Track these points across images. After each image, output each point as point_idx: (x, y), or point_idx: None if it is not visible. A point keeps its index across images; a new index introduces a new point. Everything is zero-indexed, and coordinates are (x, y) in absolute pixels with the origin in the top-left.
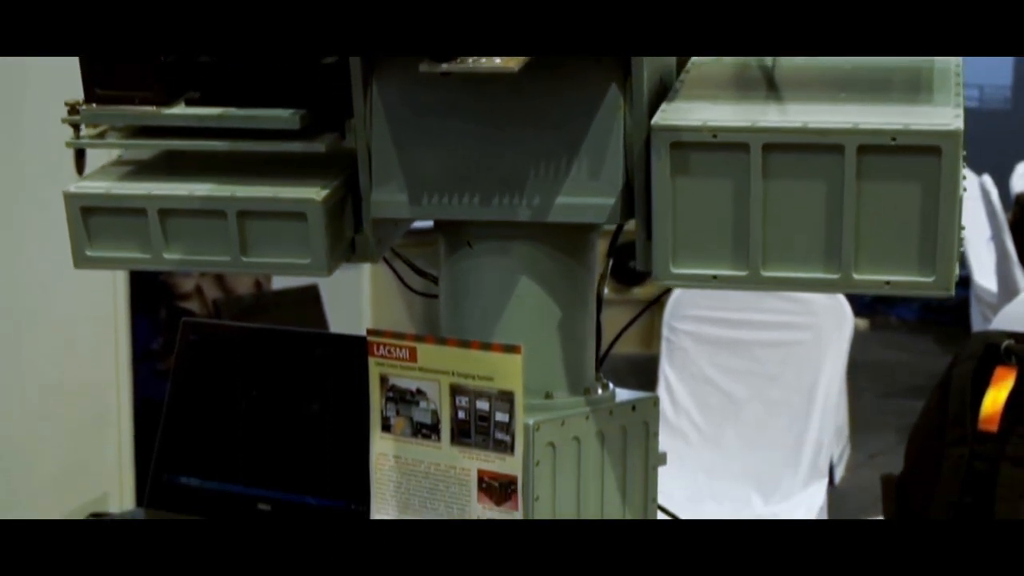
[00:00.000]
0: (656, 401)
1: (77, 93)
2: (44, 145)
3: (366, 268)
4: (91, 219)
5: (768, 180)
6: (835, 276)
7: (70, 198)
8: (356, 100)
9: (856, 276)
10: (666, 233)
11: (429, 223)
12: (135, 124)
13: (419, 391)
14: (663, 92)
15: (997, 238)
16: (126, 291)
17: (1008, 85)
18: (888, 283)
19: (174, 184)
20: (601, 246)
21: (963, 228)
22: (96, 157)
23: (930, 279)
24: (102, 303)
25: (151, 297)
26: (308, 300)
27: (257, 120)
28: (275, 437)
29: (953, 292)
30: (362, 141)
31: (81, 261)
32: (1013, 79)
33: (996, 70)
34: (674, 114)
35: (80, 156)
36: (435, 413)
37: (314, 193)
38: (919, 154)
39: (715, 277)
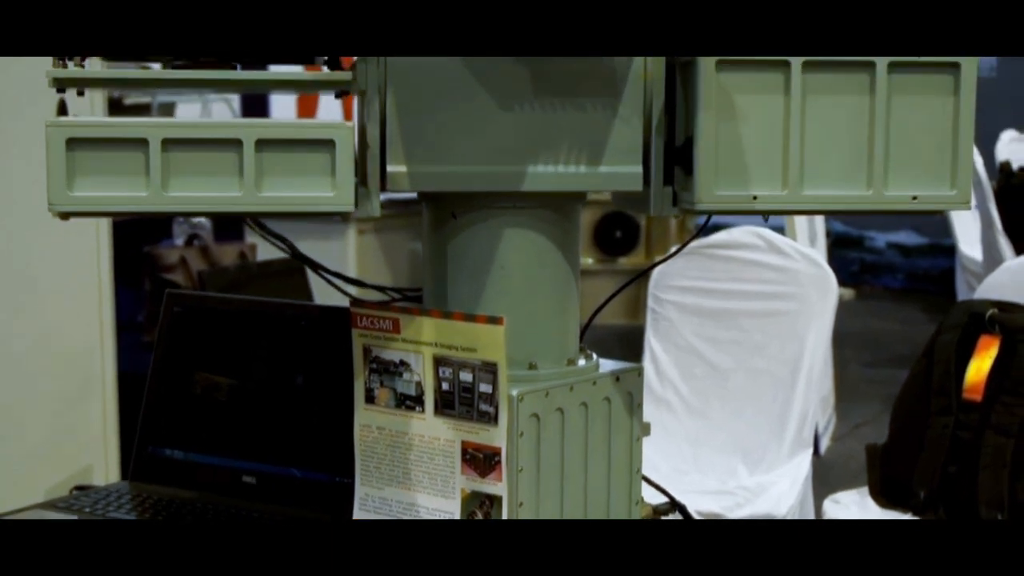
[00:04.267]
0: (640, 372)
1: None
2: (31, 109)
3: (351, 238)
4: (77, 153)
5: (807, 98)
6: (868, 192)
7: (54, 129)
8: (371, 71)
9: (886, 192)
10: (709, 155)
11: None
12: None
13: (403, 362)
14: None
15: (982, 206)
16: (110, 262)
17: None
18: (915, 198)
19: (165, 120)
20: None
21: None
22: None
23: (952, 192)
24: (86, 274)
25: (135, 268)
26: (293, 271)
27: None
28: (259, 409)
29: (972, 206)
30: (374, 105)
31: (61, 202)
32: None
33: None
34: None
35: (63, 110)
36: (419, 384)
37: (342, 122)
38: (941, 71)
39: (755, 197)
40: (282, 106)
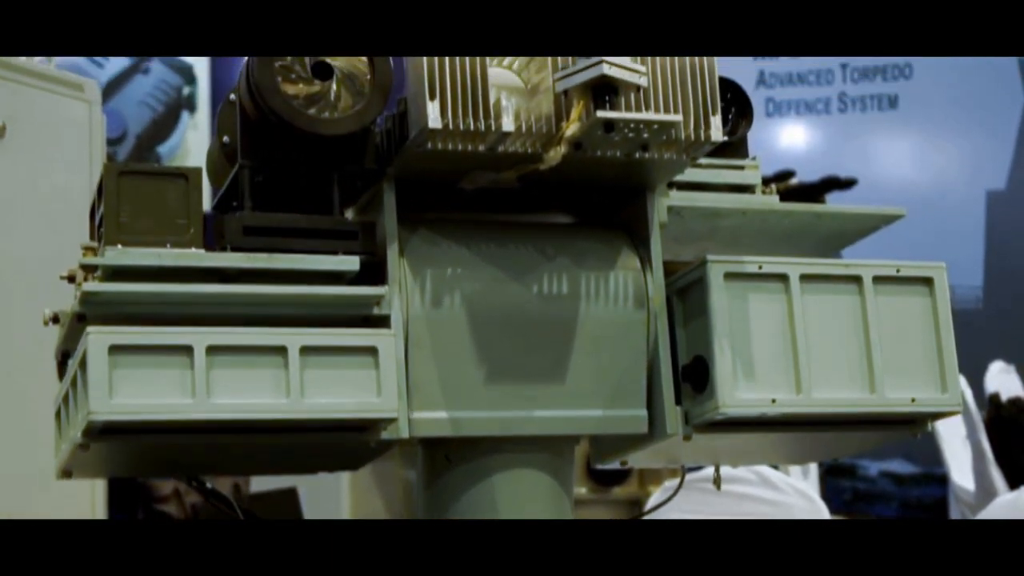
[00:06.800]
0: None
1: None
2: (27, 343)
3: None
4: (119, 358)
5: (806, 306)
6: (872, 395)
7: (97, 336)
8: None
9: (888, 395)
10: (727, 359)
11: None
12: (172, 266)
13: None
14: None
15: (972, 437)
16: (104, 491)
17: (979, 286)
18: (914, 399)
19: (208, 328)
20: None
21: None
22: None
23: (945, 395)
24: (79, 502)
25: (129, 498)
26: (286, 503)
27: (312, 263)
28: None
29: (962, 409)
30: (400, 339)
31: (103, 410)
32: (984, 279)
33: (967, 271)
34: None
35: (64, 360)
36: None
37: (384, 330)
38: (917, 284)
39: (774, 400)
40: None
